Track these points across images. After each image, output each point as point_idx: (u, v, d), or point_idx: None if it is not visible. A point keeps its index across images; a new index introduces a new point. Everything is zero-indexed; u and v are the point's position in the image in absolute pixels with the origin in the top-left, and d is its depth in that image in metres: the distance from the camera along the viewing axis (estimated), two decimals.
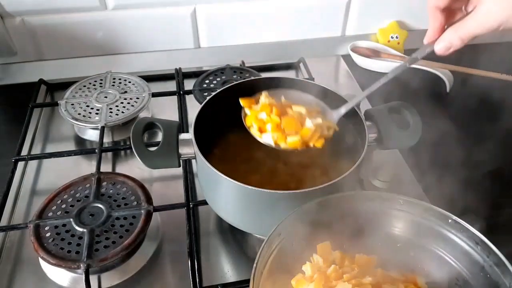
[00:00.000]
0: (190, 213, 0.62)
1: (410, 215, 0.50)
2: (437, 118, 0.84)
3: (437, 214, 0.48)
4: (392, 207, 0.50)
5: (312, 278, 0.45)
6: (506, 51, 1.03)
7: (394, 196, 0.50)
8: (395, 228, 0.51)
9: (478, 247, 0.45)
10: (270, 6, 0.95)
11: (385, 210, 0.50)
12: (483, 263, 0.45)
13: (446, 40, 0.46)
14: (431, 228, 0.49)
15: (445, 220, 0.48)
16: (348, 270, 0.47)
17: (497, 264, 0.43)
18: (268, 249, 0.45)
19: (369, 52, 0.99)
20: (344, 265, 0.48)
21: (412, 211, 0.49)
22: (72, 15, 0.89)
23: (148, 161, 0.56)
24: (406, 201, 0.49)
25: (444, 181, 0.68)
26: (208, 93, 0.81)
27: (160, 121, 0.59)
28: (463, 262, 0.47)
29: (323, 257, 0.48)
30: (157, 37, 0.95)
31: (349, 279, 0.45)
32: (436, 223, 0.48)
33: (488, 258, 0.44)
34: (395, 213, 0.50)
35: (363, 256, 0.49)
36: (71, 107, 0.78)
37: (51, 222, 0.57)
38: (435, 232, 0.48)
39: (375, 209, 0.50)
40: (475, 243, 0.45)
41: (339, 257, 0.49)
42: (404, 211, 0.50)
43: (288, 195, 0.50)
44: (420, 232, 0.49)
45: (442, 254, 0.48)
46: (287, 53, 0.98)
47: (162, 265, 0.59)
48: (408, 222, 0.50)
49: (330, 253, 0.49)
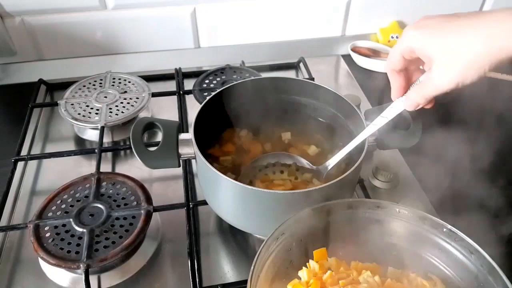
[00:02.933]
0: (190, 213, 0.62)
1: (406, 223, 0.50)
2: (437, 118, 0.84)
3: (432, 222, 0.48)
4: (388, 215, 0.50)
5: (308, 284, 0.46)
6: None
7: (390, 204, 0.50)
8: (391, 236, 0.51)
9: (472, 256, 0.46)
10: (270, 6, 0.95)
11: (381, 218, 0.51)
12: (477, 272, 0.45)
13: (411, 99, 0.48)
14: (426, 237, 0.49)
15: (440, 229, 0.48)
16: (343, 277, 0.47)
17: (491, 273, 0.44)
18: (266, 253, 0.45)
19: (369, 52, 0.99)
20: (339, 271, 0.48)
21: (407, 219, 0.50)
22: (72, 15, 0.89)
23: (148, 161, 0.56)
24: (402, 210, 0.50)
25: (444, 181, 0.68)
26: (208, 93, 0.81)
27: (160, 121, 0.59)
28: (456, 271, 0.47)
29: (319, 263, 0.48)
30: (157, 37, 0.95)
31: (345, 285, 0.45)
32: (431, 232, 0.49)
33: (482, 267, 0.45)
34: (391, 221, 0.50)
35: (358, 264, 0.50)
36: (71, 107, 0.78)
37: (51, 222, 0.57)
38: (430, 241, 0.49)
39: (371, 217, 0.51)
40: (469, 252, 0.46)
41: (335, 263, 0.49)
42: (399, 219, 0.50)
43: (288, 195, 0.49)
44: (415, 240, 0.50)
45: (436, 263, 0.49)
46: (287, 53, 0.98)
47: (162, 265, 0.59)
48: (403, 230, 0.50)
49: (326, 260, 0.50)
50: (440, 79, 0.43)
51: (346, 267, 0.49)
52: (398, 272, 0.49)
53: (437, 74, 0.43)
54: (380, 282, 0.47)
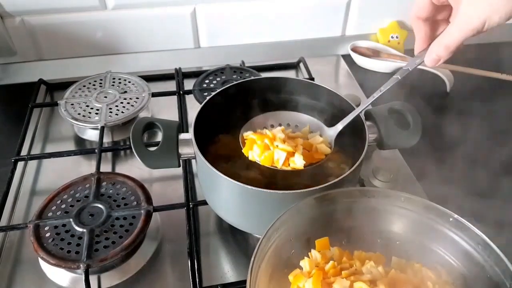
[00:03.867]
0: (190, 213, 0.62)
1: (411, 213, 0.49)
2: (437, 118, 0.84)
3: (438, 212, 0.47)
4: (393, 204, 0.49)
5: (309, 274, 0.45)
6: (506, 51, 1.03)
7: (395, 193, 0.49)
8: (395, 226, 0.50)
9: (479, 247, 0.45)
10: (270, 6, 0.95)
11: (386, 207, 0.50)
12: (484, 263, 0.44)
13: (433, 52, 0.46)
14: (432, 227, 0.48)
15: (446, 219, 0.47)
16: (346, 267, 0.46)
17: (498, 264, 0.43)
18: (266, 243, 0.45)
19: (369, 52, 0.99)
20: (342, 261, 0.48)
21: (412, 208, 0.49)
22: (72, 15, 0.89)
23: (148, 161, 0.56)
24: (407, 198, 0.49)
25: (444, 181, 0.68)
26: (208, 93, 0.81)
27: (160, 121, 0.59)
28: (463, 262, 0.46)
29: (321, 253, 0.48)
30: (157, 37, 0.95)
31: (348, 275, 0.44)
32: (436, 222, 0.48)
33: (489, 258, 0.44)
34: (395, 210, 0.50)
35: (361, 253, 0.49)
36: (70, 107, 0.78)
37: (51, 222, 0.57)
38: (436, 231, 0.48)
39: (375, 206, 0.50)
40: (476, 242, 0.45)
41: (337, 253, 0.48)
42: (404, 209, 0.49)
43: (288, 195, 0.49)
44: (420, 230, 0.49)
45: (442, 253, 0.48)
46: (287, 53, 0.98)
47: (162, 265, 0.59)
48: (408, 220, 0.49)
49: (329, 249, 0.49)
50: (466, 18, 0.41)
51: (349, 257, 0.48)
52: (402, 262, 0.49)
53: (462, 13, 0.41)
54: (384, 273, 0.46)
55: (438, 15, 0.47)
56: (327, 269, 0.45)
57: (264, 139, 0.56)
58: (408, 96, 0.89)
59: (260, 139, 0.56)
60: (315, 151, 0.58)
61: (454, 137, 0.76)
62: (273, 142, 0.56)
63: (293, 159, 0.55)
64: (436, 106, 0.87)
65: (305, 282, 0.44)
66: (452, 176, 0.68)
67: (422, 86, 0.92)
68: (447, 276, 0.47)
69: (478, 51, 0.83)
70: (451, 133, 0.78)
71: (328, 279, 0.44)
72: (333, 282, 0.44)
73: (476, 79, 0.91)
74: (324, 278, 0.44)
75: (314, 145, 0.58)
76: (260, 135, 0.57)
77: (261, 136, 0.57)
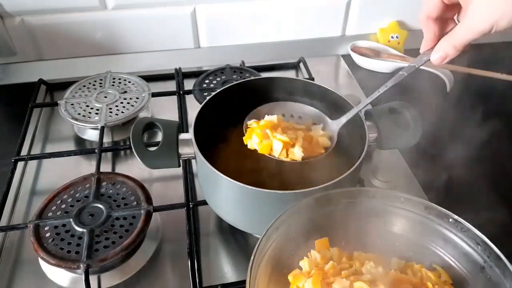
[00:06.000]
0: (190, 213, 0.62)
1: (410, 213, 0.49)
2: (437, 118, 0.84)
3: (437, 212, 0.48)
4: (393, 204, 0.50)
5: (309, 274, 0.45)
6: (506, 51, 1.03)
7: (395, 193, 0.49)
8: (394, 226, 0.50)
9: (478, 248, 0.45)
10: (270, 6, 0.95)
11: (385, 208, 0.50)
12: (483, 263, 0.44)
13: (440, 50, 0.46)
14: (431, 227, 0.48)
15: (446, 219, 0.47)
16: (346, 267, 0.46)
17: (498, 265, 0.43)
18: (266, 242, 0.45)
19: (369, 52, 0.99)
20: (341, 262, 0.48)
21: (412, 209, 0.49)
22: (72, 15, 0.89)
23: (148, 161, 0.56)
24: (407, 199, 0.49)
25: (444, 181, 0.68)
26: (208, 93, 0.81)
27: (160, 121, 0.59)
28: (463, 263, 0.47)
29: (321, 253, 0.48)
30: (157, 37, 0.95)
31: (348, 275, 0.44)
32: (436, 222, 0.48)
33: (489, 258, 0.44)
34: (395, 211, 0.50)
35: (361, 254, 0.49)
36: (70, 107, 0.78)
37: (51, 222, 0.57)
38: (435, 231, 0.48)
39: (375, 206, 0.50)
40: (476, 243, 0.45)
41: (337, 254, 0.49)
42: (404, 209, 0.49)
43: (288, 195, 0.49)
44: (419, 230, 0.49)
45: (441, 254, 0.48)
46: (287, 53, 0.98)
47: (162, 265, 0.59)
48: (408, 220, 0.50)
49: (328, 249, 0.49)
50: (475, 19, 0.41)
51: (348, 258, 0.48)
52: (402, 263, 0.49)
53: (472, 14, 0.41)
54: (384, 273, 0.46)
55: (448, 13, 0.47)
56: (327, 269, 0.45)
57: (265, 129, 0.56)
58: (408, 96, 0.89)
59: (260, 128, 0.56)
60: (315, 144, 0.58)
61: (454, 137, 0.76)
62: (273, 132, 0.56)
63: (293, 150, 0.55)
64: (436, 106, 0.87)
65: (304, 282, 0.44)
66: (452, 176, 0.68)
67: (422, 86, 0.92)
68: (447, 277, 0.47)
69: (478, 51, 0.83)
70: (451, 133, 0.77)
71: (327, 279, 0.44)
72: (332, 282, 0.44)
73: (476, 79, 0.91)
74: (323, 278, 0.44)
75: (314, 137, 0.58)
76: (260, 125, 0.58)
77: (262, 126, 0.57)
